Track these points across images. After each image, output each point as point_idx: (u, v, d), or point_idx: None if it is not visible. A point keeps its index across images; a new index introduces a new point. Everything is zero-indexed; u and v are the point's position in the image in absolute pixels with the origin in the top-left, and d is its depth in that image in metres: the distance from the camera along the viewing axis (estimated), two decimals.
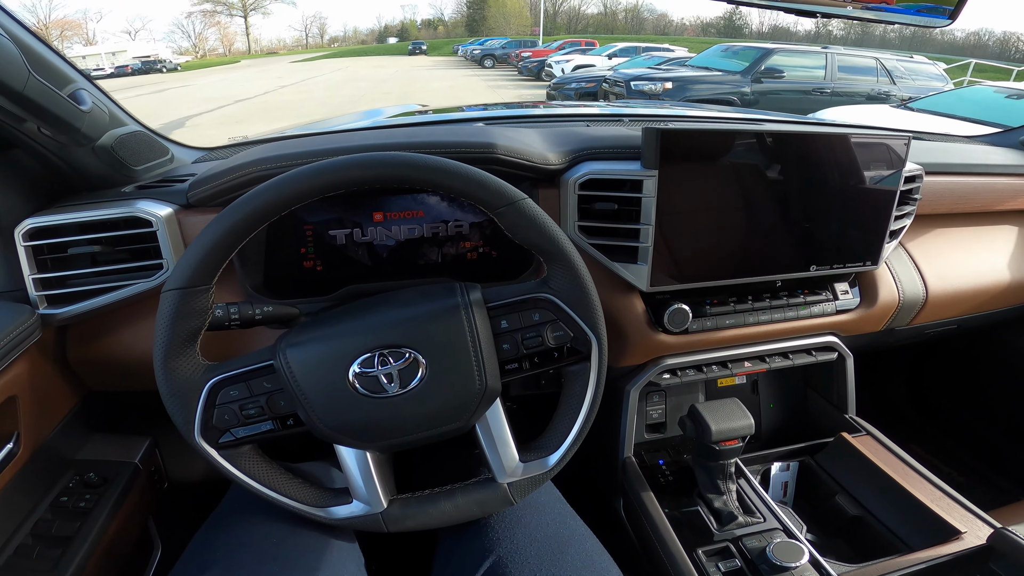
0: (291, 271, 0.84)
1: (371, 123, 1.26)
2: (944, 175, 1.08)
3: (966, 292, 1.10)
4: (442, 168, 0.57)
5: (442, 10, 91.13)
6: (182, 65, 39.48)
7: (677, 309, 0.87)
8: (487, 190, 0.58)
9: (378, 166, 0.56)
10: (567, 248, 0.61)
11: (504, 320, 0.61)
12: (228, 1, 77.87)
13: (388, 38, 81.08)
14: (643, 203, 0.79)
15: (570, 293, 0.61)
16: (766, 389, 1.15)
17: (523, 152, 0.80)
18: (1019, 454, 1.50)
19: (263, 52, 78.09)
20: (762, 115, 1.53)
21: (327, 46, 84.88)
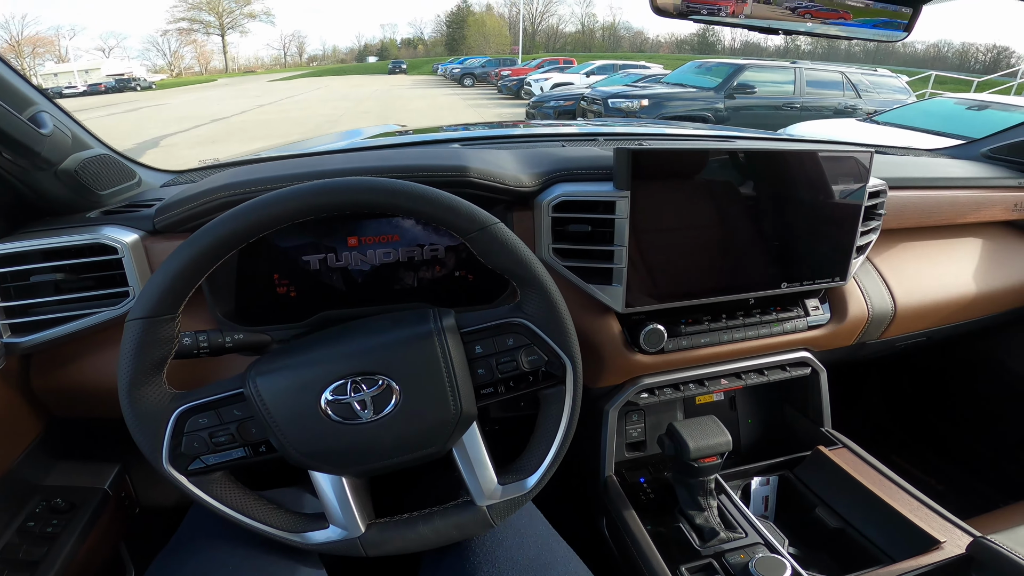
0: (263, 298, 0.82)
1: (348, 144, 1.26)
2: (907, 189, 1.10)
3: (933, 305, 1.13)
4: (413, 193, 0.57)
5: (422, 29, 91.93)
6: (157, 83, 39.10)
7: (652, 329, 0.88)
8: (458, 215, 0.58)
9: (348, 192, 0.56)
10: (539, 272, 0.61)
11: (478, 345, 0.61)
12: (205, 19, 77.63)
13: (368, 57, 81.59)
14: (616, 224, 0.80)
15: (543, 317, 0.61)
16: (744, 405, 1.16)
17: (496, 175, 0.80)
18: (996, 461, 1.53)
19: (240, 71, 77.69)
20: (733, 132, 1.57)
21: (306, 65, 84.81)
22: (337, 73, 48.34)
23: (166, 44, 77.98)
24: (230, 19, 78.29)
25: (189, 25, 77.57)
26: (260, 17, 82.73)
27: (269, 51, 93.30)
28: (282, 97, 20.26)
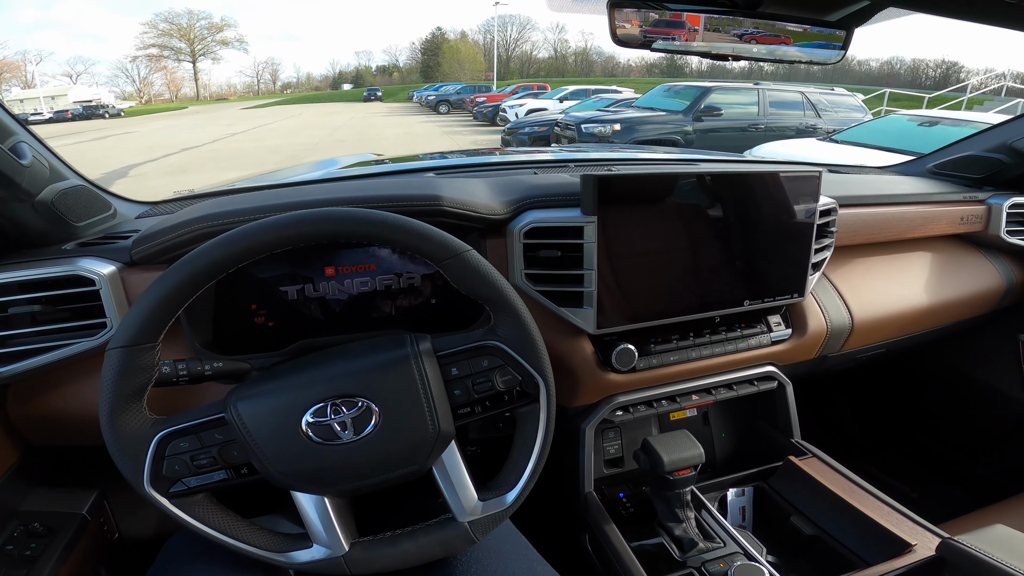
0: (241, 327, 0.83)
1: (322, 175, 1.28)
2: (858, 207, 1.16)
3: (889, 318, 1.19)
4: (387, 223, 0.60)
5: (397, 56, 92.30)
6: (126, 111, 38.48)
7: (624, 349, 0.91)
8: (432, 243, 0.61)
9: (324, 222, 0.58)
10: (511, 296, 0.64)
11: (454, 367, 0.64)
12: (176, 46, 76.38)
13: (343, 84, 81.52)
14: (585, 248, 0.84)
15: (516, 339, 0.64)
16: (716, 419, 1.20)
17: (468, 203, 0.83)
18: (965, 466, 1.59)
19: (212, 98, 76.64)
20: (699, 155, 1.64)
21: (280, 92, 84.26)
22: (311, 101, 48.27)
23: (135, 70, 76.78)
24: (202, 46, 77.29)
25: (159, 52, 76.44)
26: (233, 44, 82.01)
27: (242, 78, 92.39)
28: (255, 125, 20.13)
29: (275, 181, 1.20)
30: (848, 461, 1.03)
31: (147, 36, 76.15)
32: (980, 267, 1.35)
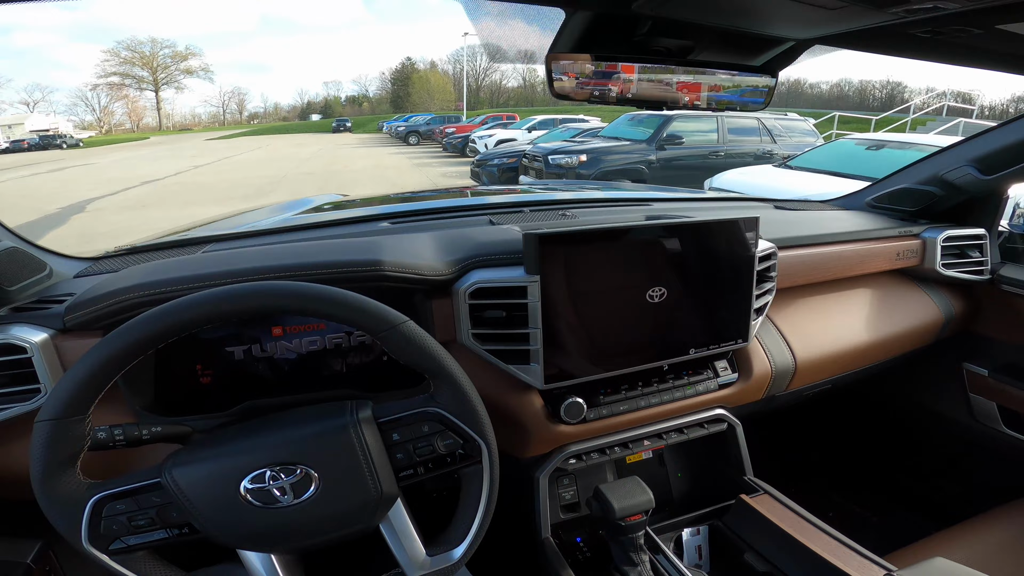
0: (185, 388, 0.83)
1: (276, 223, 1.27)
2: (797, 248, 1.20)
3: (831, 356, 1.23)
4: (322, 297, 0.61)
5: (366, 87, 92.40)
6: (84, 141, 37.47)
7: (572, 403, 0.93)
8: (367, 316, 0.62)
9: (259, 297, 0.60)
10: (449, 366, 0.66)
11: (396, 432, 0.65)
12: (138, 74, 74.65)
13: (311, 115, 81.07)
14: (529, 307, 0.85)
15: (456, 407, 0.66)
16: (671, 460, 1.22)
17: (411, 266, 0.84)
18: (919, 490, 1.65)
19: (175, 128, 75.02)
20: (654, 193, 1.69)
21: (246, 123, 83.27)
22: (279, 132, 47.98)
23: (96, 99, 74.75)
24: (165, 75, 75.73)
25: (121, 80, 74.66)
26: (198, 73, 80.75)
27: (207, 108, 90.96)
28: (220, 157, 19.84)
29: (221, 231, 1.18)
30: (809, 489, 1.06)
31: (108, 64, 74.71)
32: (918, 301, 1.41)
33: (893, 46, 0.87)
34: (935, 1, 0.58)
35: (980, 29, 0.72)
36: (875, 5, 0.62)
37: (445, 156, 17.04)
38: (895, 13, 0.64)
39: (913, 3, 0.59)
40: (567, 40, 0.84)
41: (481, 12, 0.89)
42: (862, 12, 0.65)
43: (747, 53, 0.90)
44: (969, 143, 1.38)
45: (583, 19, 0.79)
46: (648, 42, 0.83)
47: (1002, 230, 1.52)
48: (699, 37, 0.83)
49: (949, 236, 1.39)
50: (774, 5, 0.68)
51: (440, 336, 0.89)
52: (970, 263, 1.42)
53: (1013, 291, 1.41)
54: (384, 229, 1.12)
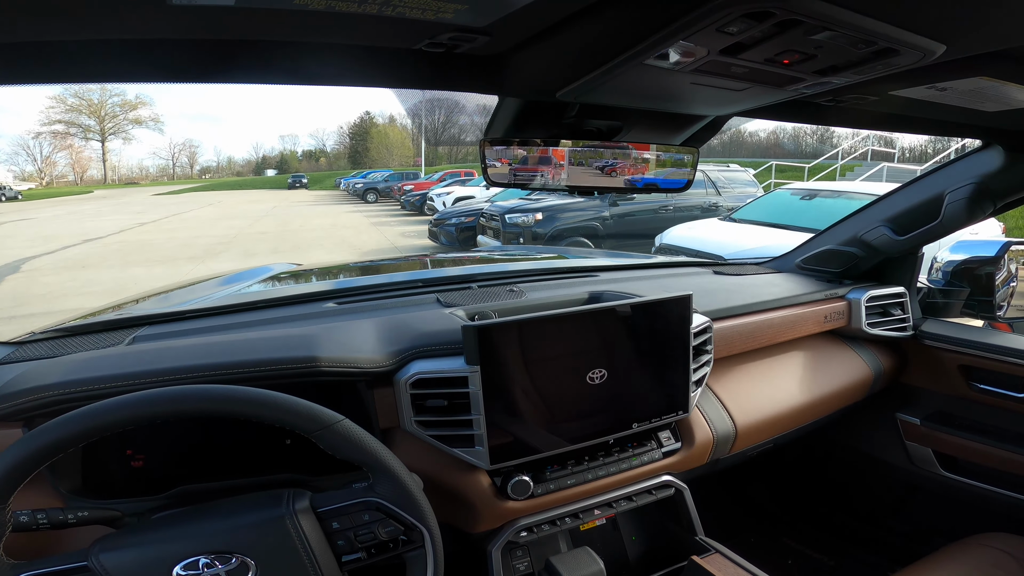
0: (116, 472, 0.81)
1: (215, 302, 1.23)
2: (732, 319, 1.26)
3: (769, 419, 1.27)
4: (250, 400, 0.62)
5: (324, 141, 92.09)
6: (23, 193, 35.98)
7: (519, 481, 0.93)
8: (299, 416, 0.63)
9: (182, 401, 0.60)
10: (387, 460, 0.66)
11: (335, 521, 0.66)
12: (84, 123, 71.37)
13: (266, 170, 79.92)
14: (471, 395, 0.86)
15: (396, 497, 0.67)
16: (626, 525, 1.22)
17: (349, 360, 0.84)
18: (870, 532, 1.69)
19: (122, 182, 72.08)
20: (603, 261, 1.74)
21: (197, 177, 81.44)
22: (232, 187, 47.26)
23: (38, 148, 70.94)
24: (113, 124, 72.84)
25: (66, 128, 71.38)
26: (147, 124, 77.97)
27: (156, 160, 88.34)
28: (168, 214, 19.37)
29: (158, 310, 1.14)
30: (765, 538, 1.06)
31: (54, 111, 71.19)
32: (848, 359, 1.49)
33: (802, 114, 0.96)
34: (827, 77, 0.65)
35: (875, 96, 0.80)
36: (775, 85, 0.69)
37: (403, 214, 17.09)
38: (794, 90, 0.71)
39: (808, 80, 0.66)
40: (501, 124, 0.89)
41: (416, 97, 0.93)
42: (765, 91, 0.72)
43: (672, 129, 0.98)
44: (882, 203, 1.50)
45: (515, 104, 0.84)
46: (579, 123, 0.88)
47: (921, 285, 1.63)
48: (626, 118, 0.90)
49: (872, 296, 1.48)
50: (686, 90, 0.74)
51: (384, 422, 0.89)
52: (893, 320, 1.51)
53: (935, 345, 1.50)
54: (329, 311, 1.12)
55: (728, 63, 0.60)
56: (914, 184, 1.44)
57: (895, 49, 0.56)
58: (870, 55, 0.58)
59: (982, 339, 1.43)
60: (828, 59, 0.59)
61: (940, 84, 0.75)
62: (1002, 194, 1.30)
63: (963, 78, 0.73)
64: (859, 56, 0.58)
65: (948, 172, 1.35)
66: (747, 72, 0.64)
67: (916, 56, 0.58)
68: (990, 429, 1.42)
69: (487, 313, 1.05)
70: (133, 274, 7.86)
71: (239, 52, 0.58)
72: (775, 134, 50.78)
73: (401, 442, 0.92)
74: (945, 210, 1.32)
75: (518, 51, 0.64)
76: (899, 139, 18.63)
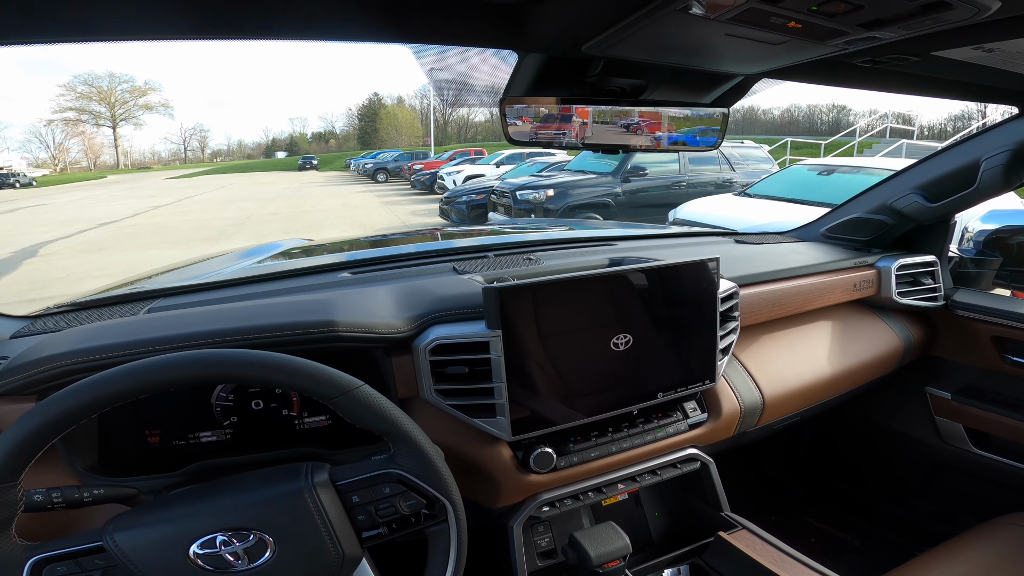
0: (132, 449, 0.80)
1: (230, 275, 1.22)
2: (758, 285, 1.22)
3: (797, 391, 1.24)
4: (265, 364, 0.59)
5: (333, 123, 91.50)
6: (38, 180, 36.30)
7: (541, 453, 0.90)
8: (317, 382, 0.61)
9: (199, 366, 0.58)
10: (408, 428, 0.64)
11: (355, 495, 0.64)
12: (95, 110, 71.03)
13: (276, 152, 79.98)
14: (492, 362, 0.83)
15: (417, 468, 0.65)
16: (648, 500, 1.19)
17: (367, 325, 0.82)
18: (895, 511, 1.65)
19: (134, 167, 72.15)
20: (618, 230, 1.70)
21: (209, 161, 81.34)
22: (243, 170, 47.25)
23: (50, 135, 70.78)
24: (123, 110, 72.31)
25: (77, 115, 70.93)
26: (157, 109, 77.19)
27: (167, 145, 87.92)
28: (181, 197, 19.38)
29: (173, 284, 1.13)
30: (788, 516, 1.05)
31: (64, 99, 71.05)
32: (878, 330, 1.44)
33: (836, 76, 0.90)
34: (872, 31, 0.60)
35: (916, 56, 0.75)
36: (815, 39, 0.64)
37: (414, 193, 16.99)
38: (835, 45, 0.66)
39: (851, 34, 0.62)
40: (521, 83, 0.84)
41: (437, 53, 0.89)
42: (803, 46, 0.67)
43: (699, 90, 0.92)
44: (914, 170, 1.44)
45: (535, 61, 0.79)
46: (602, 83, 0.84)
47: (952, 255, 1.57)
48: (651, 76, 0.85)
49: (902, 264, 1.43)
50: (719, 44, 0.69)
51: (402, 392, 0.87)
52: (924, 290, 1.46)
53: (967, 316, 1.45)
54: (344, 280, 1.09)
55: (768, 12, 0.55)
56: (947, 152, 1.38)
57: (948, 2, 0.51)
58: (920, 8, 0.53)
59: (1016, 309, 1.37)
60: (875, 10, 0.55)
61: (988, 45, 0.70)
62: None
63: (1015, 38, 0.67)
64: (909, 8, 0.53)
65: (984, 139, 1.29)
66: (787, 23, 0.59)
67: (970, 11, 0.53)
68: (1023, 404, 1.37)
69: (505, 278, 1.01)
70: (148, 256, 7.92)
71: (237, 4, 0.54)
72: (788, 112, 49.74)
73: (420, 413, 0.89)
74: (981, 176, 1.26)
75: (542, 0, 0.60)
76: (919, 117, 18.19)
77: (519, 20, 0.65)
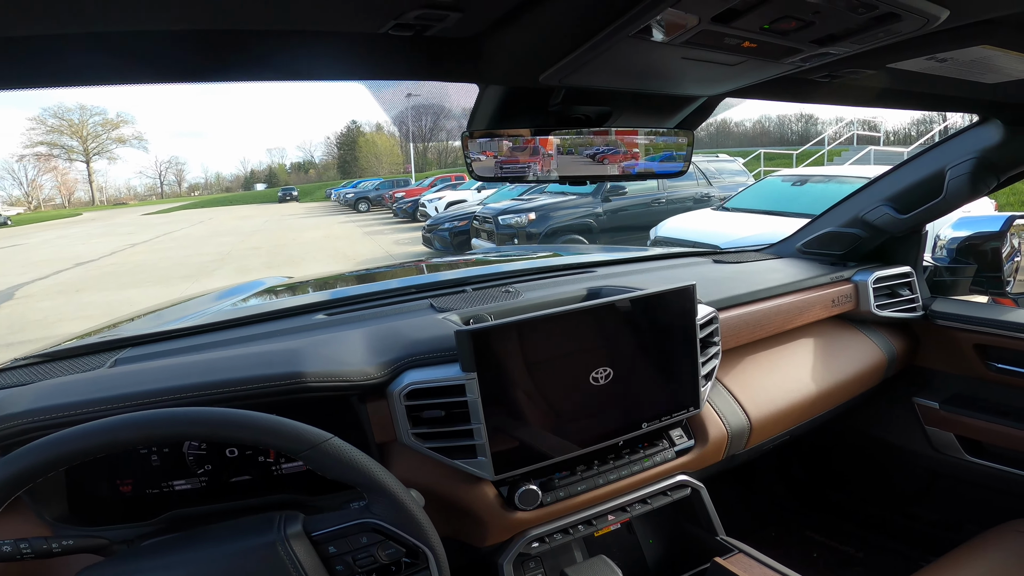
0: (104, 498, 0.77)
1: (203, 320, 1.19)
2: (737, 307, 1.21)
3: (784, 411, 1.22)
4: (227, 421, 0.58)
5: (312, 152, 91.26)
6: (12, 219, 35.69)
7: (526, 491, 0.88)
8: (281, 437, 0.59)
9: (160, 426, 0.56)
10: (381, 479, 0.63)
11: (332, 545, 0.62)
12: (67, 144, 69.70)
13: (255, 184, 79.43)
14: (469, 404, 0.81)
15: (394, 517, 0.63)
16: (642, 528, 1.17)
17: (337, 374, 0.80)
18: (896, 521, 1.64)
19: (110, 202, 71.03)
20: (600, 256, 1.70)
21: (186, 195, 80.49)
22: (222, 203, 46.91)
23: (23, 171, 69.41)
24: (96, 144, 70.95)
25: (48, 150, 69.67)
26: (131, 142, 75.78)
27: (143, 179, 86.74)
28: (159, 234, 19.15)
29: (143, 331, 1.10)
30: (788, 533, 1.02)
31: (35, 132, 69.58)
32: (860, 344, 1.44)
33: (798, 92, 0.92)
34: (826, 47, 0.61)
35: (872, 69, 0.77)
36: (771, 57, 0.64)
37: (396, 222, 16.94)
38: (791, 63, 0.67)
39: (806, 51, 0.62)
40: (484, 115, 0.84)
41: (393, 87, 0.88)
42: (761, 65, 0.68)
43: (663, 113, 0.93)
44: (882, 182, 1.46)
45: (496, 93, 0.78)
46: (566, 111, 0.83)
47: (927, 264, 1.59)
48: (614, 103, 0.85)
49: (878, 277, 1.44)
50: (677, 68, 0.69)
51: (380, 437, 0.85)
52: (902, 301, 1.47)
53: (947, 325, 1.46)
54: (319, 323, 1.07)
55: (721, 33, 0.56)
56: (913, 161, 1.41)
57: (896, 14, 0.52)
58: (870, 21, 0.54)
59: (996, 316, 1.38)
60: (826, 26, 0.56)
61: (940, 55, 0.72)
62: (1004, 167, 1.27)
63: (964, 47, 0.69)
64: (859, 23, 0.54)
65: (947, 148, 1.32)
66: (741, 44, 0.59)
67: (918, 23, 0.54)
68: (1013, 411, 1.37)
69: (483, 316, 1.00)
70: (128, 296, 7.79)
71: (196, 47, 0.53)
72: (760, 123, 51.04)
73: (399, 456, 0.87)
74: (948, 186, 1.29)
75: (495, 31, 0.59)
76: (883, 123, 18.75)
77: (474, 53, 0.65)
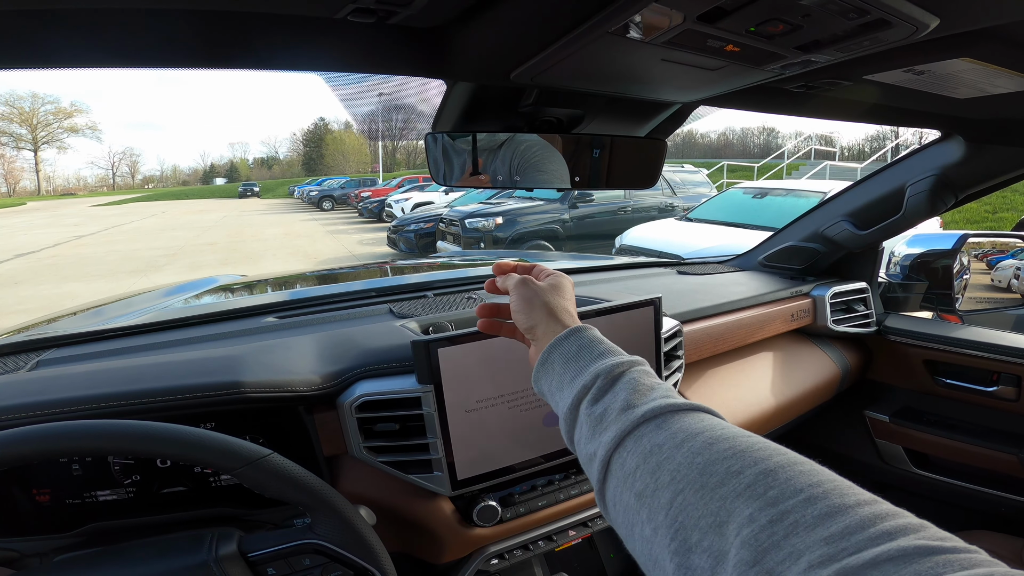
0: (19, 507, 0.70)
1: (140, 319, 1.10)
2: (700, 321, 1.21)
3: (743, 424, 1.22)
4: (149, 435, 0.52)
5: (276, 148, 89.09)
6: None
7: (485, 507, 0.84)
8: (212, 453, 0.53)
9: (74, 439, 0.50)
10: (326, 496, 0.58)
11: (270, 567, 0.57)
12: (15, 132, 66.75)
13: (215, 179, 77.06)
14: (425, 417, 0.77)
15: (340, 537, 0.58)
16: (603, 543, 1.15)
17: (280, 384, 0.74)
18: None
19: (57, 193, 67.96)
20: (567, 263, 1.68)
21: (140, 187, 77.49)
22: (178, 197, 45.20)
23: None
24: (46, 133, 68.01)
25: None
26: (84, 132, 72.84)
27: (94, 170, 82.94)
28: (108, 226, 18.24)
29: (75, 330, 1.01)
30: None
31: None
32: (815, 358, 1.47)
33: (771, 103, 0.91)
34: (809, 54, 0.59)
35: (848, 81, 0.76)
36: (752, 63, 0.63)
37: (361, 222, 16.61)
38: (771, 70, 0.66)
39: (788, 58, 0.61)
40: (450, 115, 0.79)
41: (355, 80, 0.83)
42: (740, 71, 0.66)
43: (636, 119, 0.91)
44: (843, 197, 1.48)
45: (464, 91, 0.74)
46: (537, 113, 0.80)
47: (881, 280, 1.64)
48: (587, 106, 0.82)
49: (835, 292, 1.47)
50: (655, 70, 0.67)
51: (328, 450, 0.79)
52: (857, 317, 1.51)
53: (899, 340, 1.50)
54: (267, 326, 1.01)
55: (705, 34, 0.54)
56: (874, 178, 1.43)
57: (887, 20, 0.51)
58: (859, 28, 0.53)
59: (945, 333, 1.43)
60: (814, 32, 0.54)
61: (919, 67, 0.72)
62: (963, 185, 1.29)
63: (945, 59, 0.69)
64: (847, 29, 0.53)
65: (908, 164, 1.33)
66: (724, 47, 0.58)
67: (907, 30, 0.54)
68: (958, 424, 1.42)
69: (442, 324, 0.96)
70: (70, 289, 7.37)
71: (139, 30, 0.48)
72: (725, 135, 52.76)
73: (350, 469, 0.82)
74: (907, 203, 1.31)
75: (464, 22, 0.56)
76: (839, 139, 19.70)
77: (441, 46, 0.61)
